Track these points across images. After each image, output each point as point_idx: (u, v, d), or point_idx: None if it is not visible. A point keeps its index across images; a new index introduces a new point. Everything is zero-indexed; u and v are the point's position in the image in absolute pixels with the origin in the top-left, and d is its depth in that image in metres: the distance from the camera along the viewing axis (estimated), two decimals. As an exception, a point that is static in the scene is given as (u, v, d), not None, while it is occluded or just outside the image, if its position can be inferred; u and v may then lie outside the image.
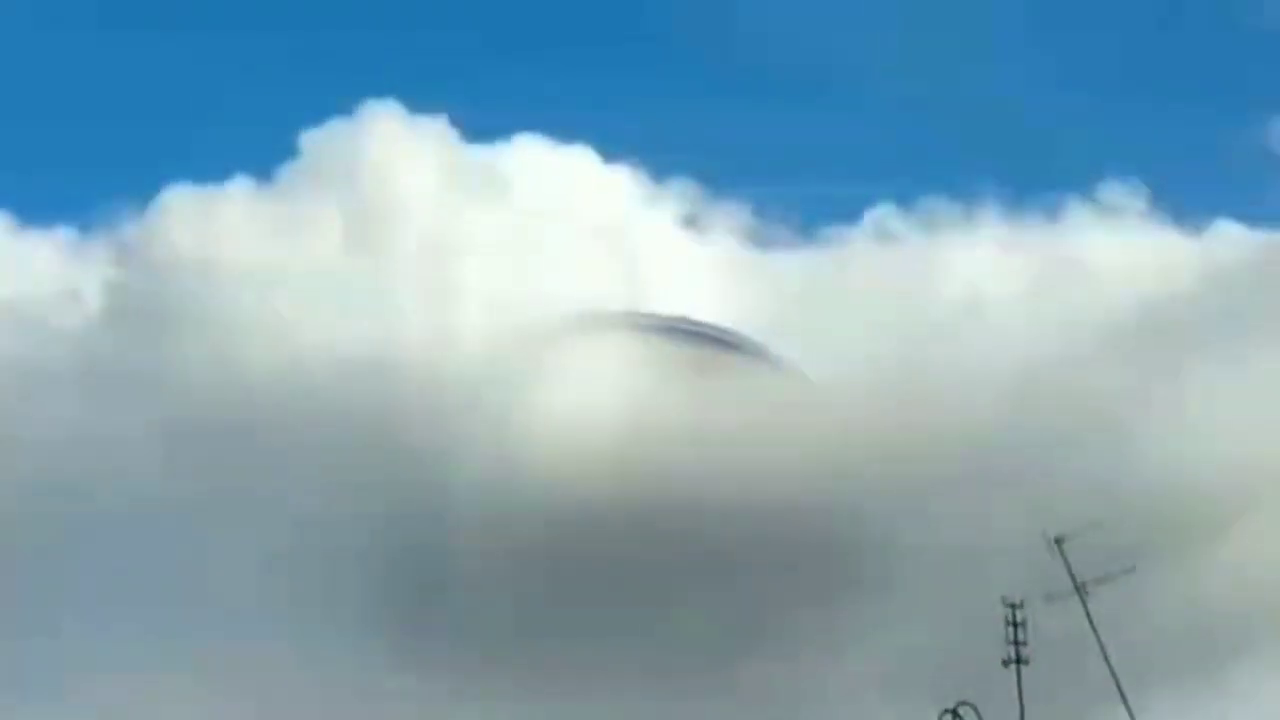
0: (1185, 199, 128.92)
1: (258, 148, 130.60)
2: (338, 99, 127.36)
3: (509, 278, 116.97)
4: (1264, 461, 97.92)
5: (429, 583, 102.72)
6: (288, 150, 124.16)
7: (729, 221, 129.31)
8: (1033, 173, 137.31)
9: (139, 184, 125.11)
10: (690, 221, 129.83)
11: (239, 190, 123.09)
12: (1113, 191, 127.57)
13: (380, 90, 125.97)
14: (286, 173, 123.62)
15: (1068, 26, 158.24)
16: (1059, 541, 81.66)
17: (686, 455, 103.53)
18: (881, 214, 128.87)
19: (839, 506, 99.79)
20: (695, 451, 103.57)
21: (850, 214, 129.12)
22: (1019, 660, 64.36)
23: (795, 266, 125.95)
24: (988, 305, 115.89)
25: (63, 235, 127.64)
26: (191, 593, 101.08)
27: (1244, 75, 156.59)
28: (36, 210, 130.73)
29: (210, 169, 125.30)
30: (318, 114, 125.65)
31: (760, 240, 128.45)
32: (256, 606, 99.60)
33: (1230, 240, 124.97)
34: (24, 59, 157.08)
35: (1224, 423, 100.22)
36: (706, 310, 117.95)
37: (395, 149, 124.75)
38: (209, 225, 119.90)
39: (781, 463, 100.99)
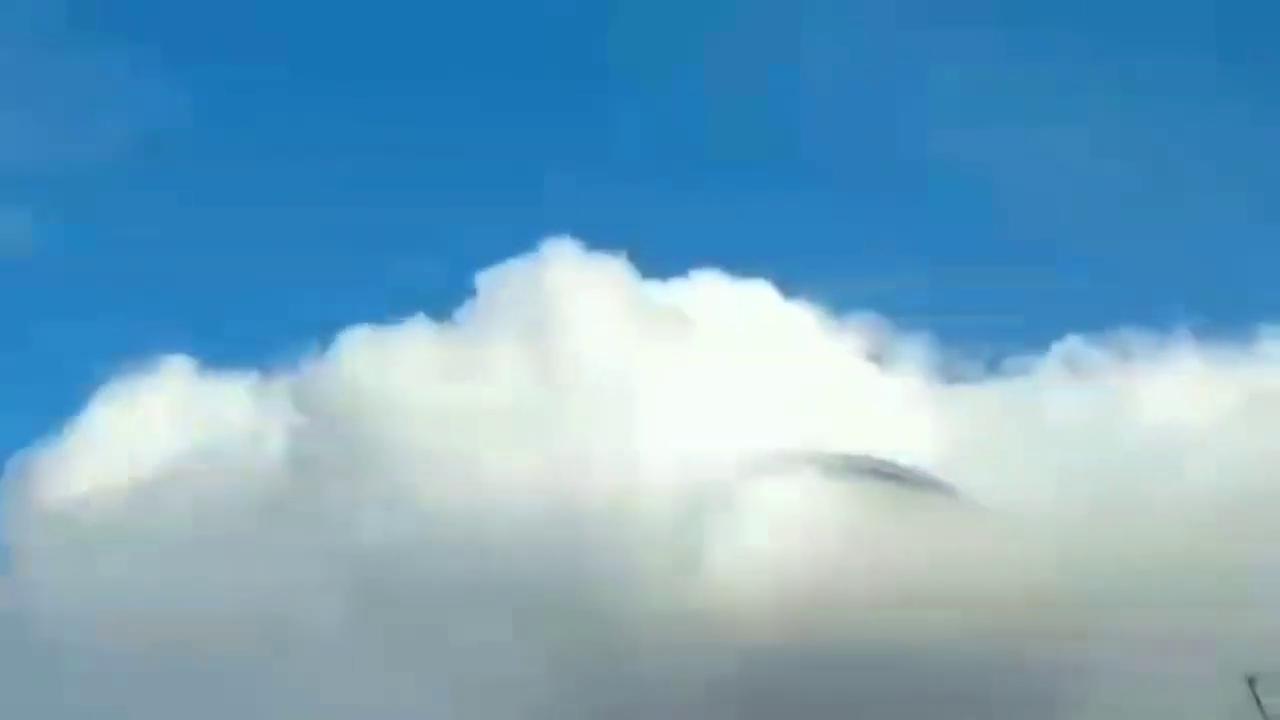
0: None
1: (436, 288, 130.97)
2: (515, 238, 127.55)
3: (690, 415, 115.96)
4: None
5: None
6: (466, 290, 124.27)
7: (914, 355, 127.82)
8: (1225, 301, 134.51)
9: (320, 325, 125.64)
10: (874, 356, 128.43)
11: (418, 330, 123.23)
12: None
13: (558, 228, 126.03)
14: (465, 312, 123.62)
15: (1257, 156, 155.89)
16: (1252, 681, 79.00)
17: (870, 593, 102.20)
18: (1070, 345, 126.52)
19: (1029, 645, 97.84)
20: (879, 589, 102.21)
21: (1038, 346, 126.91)
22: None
23: (982, 400, 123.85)
24: (1181, 438, 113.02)
25: (246, 378, 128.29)
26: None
27: None
28: (221, 354, 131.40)
29: (389, 309, 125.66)
30: (496, 253, 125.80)
31: (946, 373, 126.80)
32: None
33: None
34: (206, 203, 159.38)
35: None
36: (891, 446, 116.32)
37: (573, 287, 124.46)
38: (389, 366, 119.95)
39: (967, 601, 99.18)
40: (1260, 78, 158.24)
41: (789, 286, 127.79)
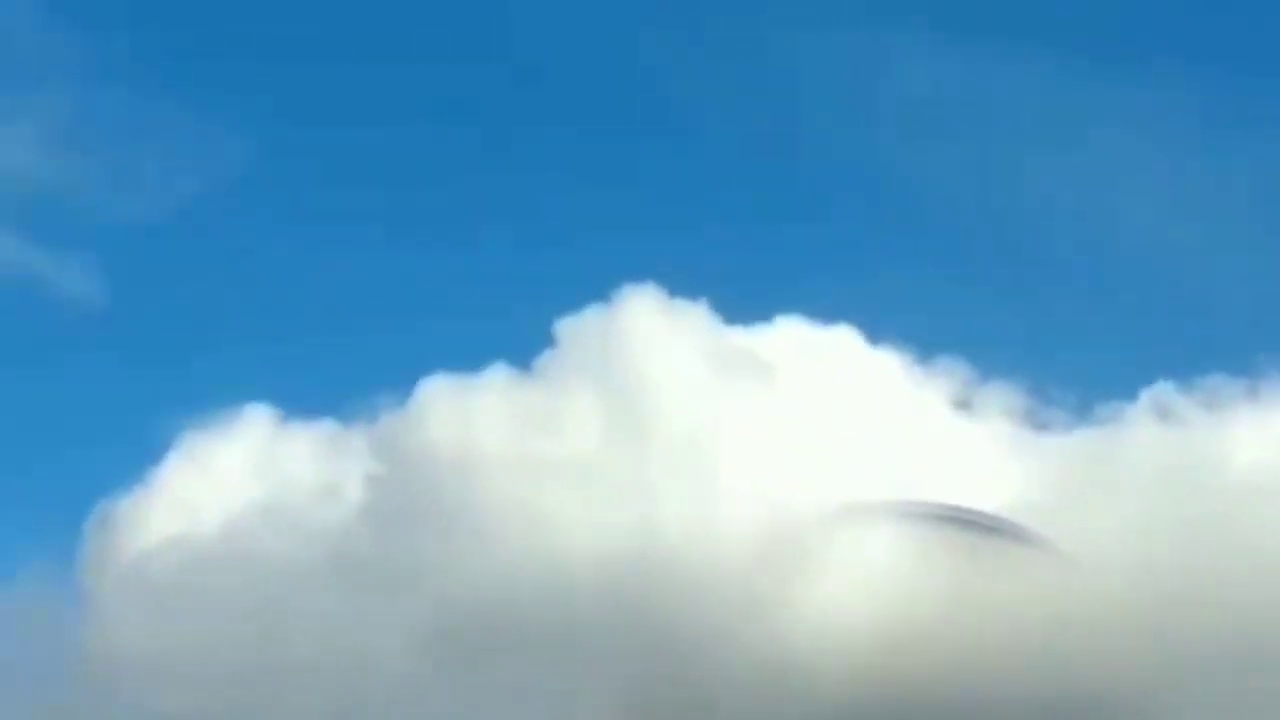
0: None
1: (516, 336, 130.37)
2: (595, 286, 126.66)
3: (773, 464, 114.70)
4: None
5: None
6: (545, 338, 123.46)
7: (1001, 402, 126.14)
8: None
9: (399, 375, 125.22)
10: (960, 403, 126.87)
11: (498, 380, 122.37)
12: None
13: (638, 275, 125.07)
14: (545, 361, 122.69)
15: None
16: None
17: (955, 645, 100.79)
18: (1160, 392, 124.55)
19: (1113, 701, 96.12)
20: (964, 641, 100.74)
21: (1127, 392, 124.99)
22: None
23: (1070, 448, 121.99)
24: (1273, 488, 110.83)
25: (324, 429, 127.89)
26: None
27: None
28: (300, 404, 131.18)
29: (469, 359, 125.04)
30: (575, 301, 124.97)
31: (1033, 420, 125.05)
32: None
33: None
34: (286, 255, 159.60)
35: None
36: (979, 494, 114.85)
37: (655, 334, 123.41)
38: (468, 416, 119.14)
39: (1053, 653, 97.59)
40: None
41: (874, 333, 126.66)
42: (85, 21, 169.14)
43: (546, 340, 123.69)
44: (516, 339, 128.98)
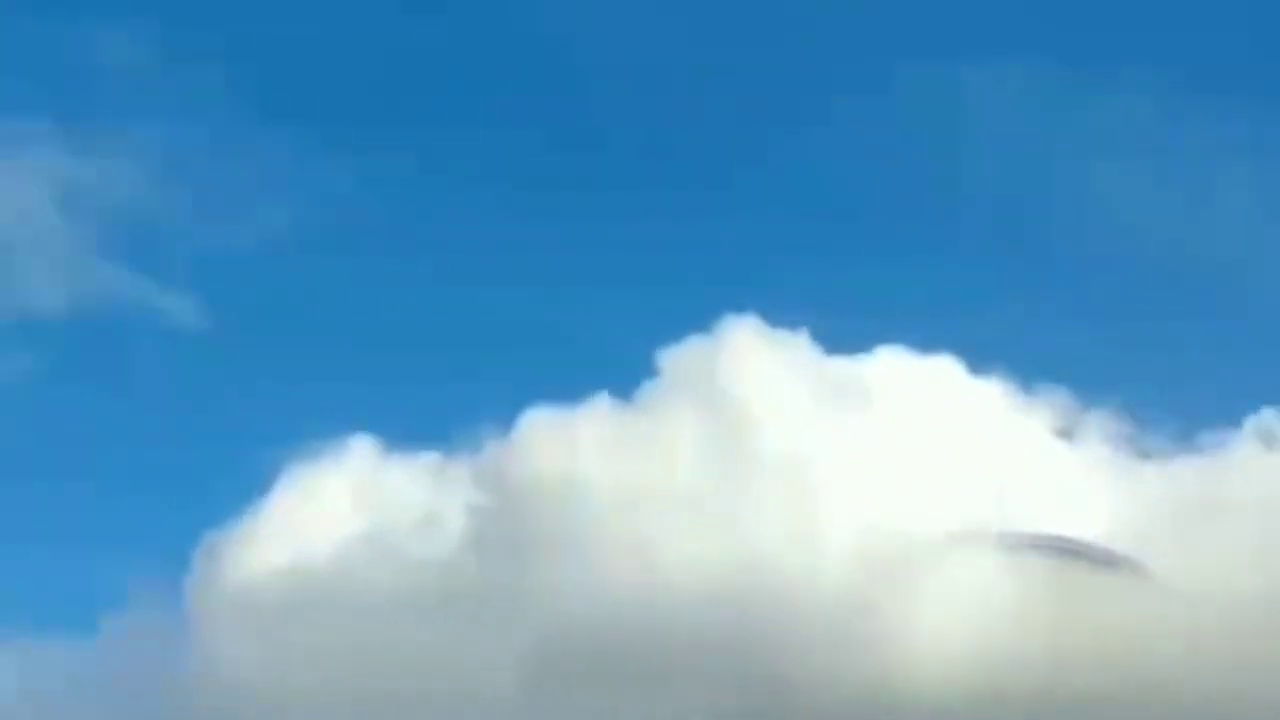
0: None
1: (618, 367, 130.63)
2: (697, 316, 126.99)
3: (874, 494, 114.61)
4: None
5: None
6: (647, 369, 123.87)
7: (1104, 429, 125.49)
8: None
9: (502, 406, 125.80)
10: (1064, 432, 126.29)
11: (600, 410, 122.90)
12: None
13: (740, 306, 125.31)
14: (647, 391, 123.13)
15: None
16: None
17: (1059, 677, 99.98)
18: (1265, 418, 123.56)
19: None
20: (1068, 673, 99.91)
21: (1232, 419, 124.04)
22: None
23: (1175, 475, 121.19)
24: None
25: (428, 459, 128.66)
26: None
27: None
28: (403, 435, 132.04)
29: (571, 390, 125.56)
30: (677, 331, 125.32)
31: (1137, 448, 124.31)
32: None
33: None
34: (389, 286, 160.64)
35: None
36: (1081, 523, 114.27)
37: (756, 364, 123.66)
38: (570, 446, 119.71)
39: (1158, 685, 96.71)
40: None
41: (976, 362, 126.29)
42: (184, 53, 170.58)
43: (648, 370, 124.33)
44: (619, 369, 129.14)
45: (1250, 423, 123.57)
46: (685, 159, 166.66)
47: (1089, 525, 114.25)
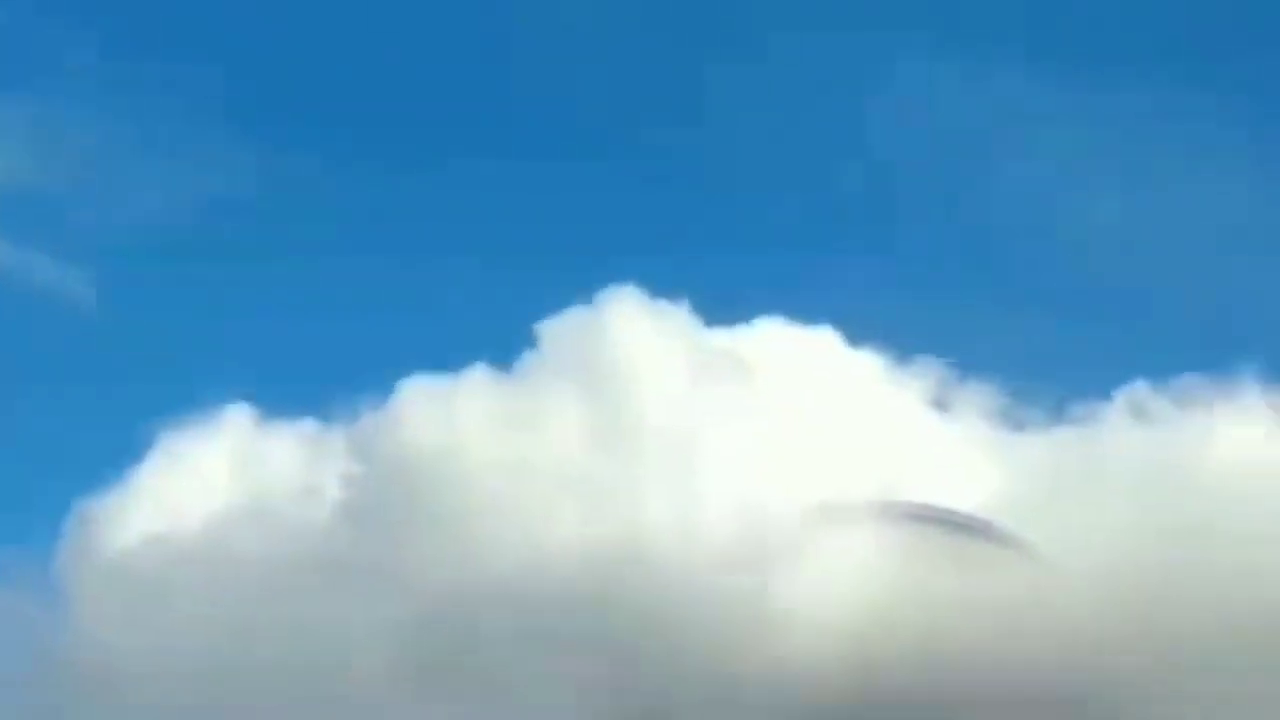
0: None
1: (496, 337, 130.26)
2: (576, 286, 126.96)
3: (753, 465, 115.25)
4: None
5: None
6: (526, 339, 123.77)
7: (979, 402, 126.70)
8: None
9: (380, 375, 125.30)
10: (940, 403, 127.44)
11: (478, 381, 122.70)
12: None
13: (619, 276, 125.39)
14: (526, 362, 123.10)
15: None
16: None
17: (930, 647, 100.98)
18: (1136, 391, 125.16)
19: (1092, 697, 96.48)
20: (940, 643, 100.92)
21: (1103, 392, 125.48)
22: None
23: (1048, 447, 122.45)
24: (1249, 486, 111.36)
25: (305, 428, 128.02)
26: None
27: None
28: (280, 403, 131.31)
29: (449, 360, 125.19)
30: (556, 302, 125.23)
31: (1012, 420, 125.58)
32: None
33: None
34: (265, 256, 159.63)
35: None
36: (955, 494, 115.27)
37: (635, 335, 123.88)
38: (448, 416, 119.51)
39: (1029, 655, 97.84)
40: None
41: (853, 334, 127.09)
42: (79, 19, 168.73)
43: (527, 341, 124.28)
44: (497, 340, 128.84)
45: (1121, 395, 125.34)
46: (562, 129, 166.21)
47: (964, 496, 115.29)
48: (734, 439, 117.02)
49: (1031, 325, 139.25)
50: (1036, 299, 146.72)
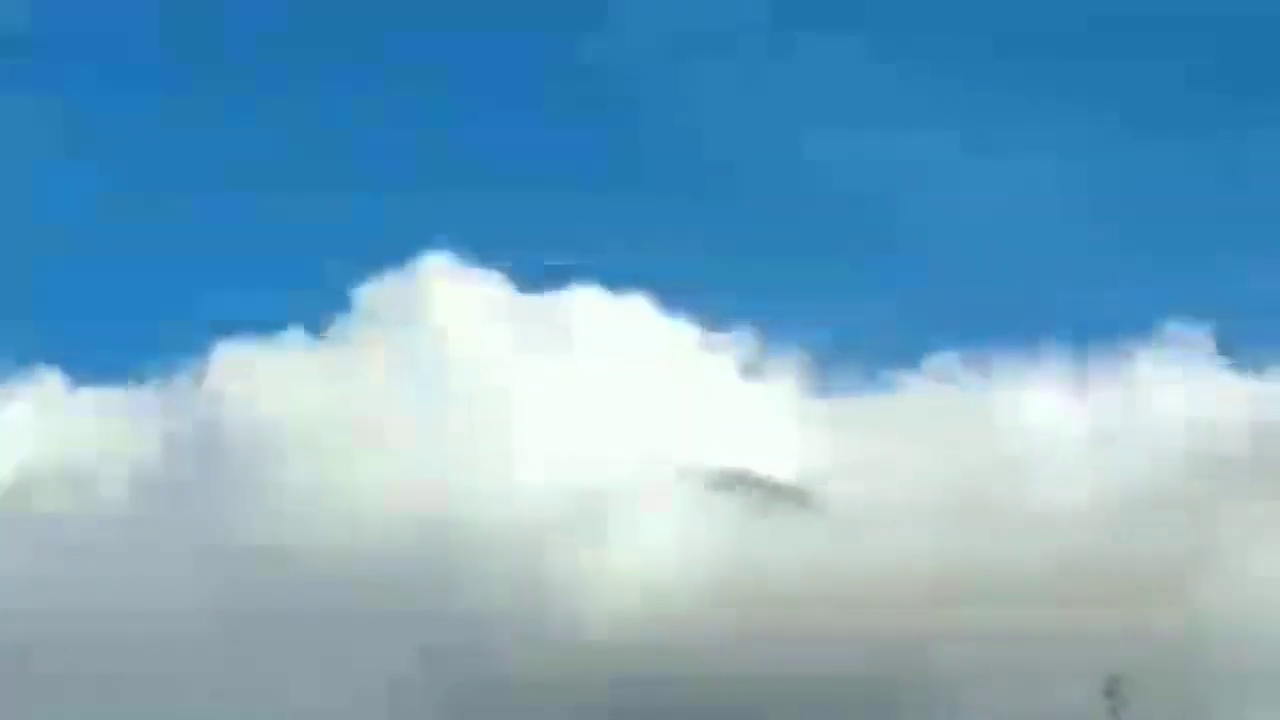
0: (1251, 343, 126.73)
1: (312, 301, 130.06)
2: (393, 251, 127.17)
3: (567, 431, 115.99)
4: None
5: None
6: (342, 303, 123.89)
7: (789, 369, 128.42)
8: (1096, 320, 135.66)
9: (194, 338, 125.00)
10: (750, 370, 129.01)
11: (293, 344, 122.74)
12: (1178, 336, 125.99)
13: (435, 242, 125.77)
14: (341, 326, 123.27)
15: (1133, 179, 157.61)
16: (1114, 683, 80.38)
17: (746, 611, 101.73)
18: (942, 360, 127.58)
19: (899, 659, 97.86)
20: (756, 607, 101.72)
21: (911, 360, 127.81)
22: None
23: (854, 412, 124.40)
24: (1050, 450, 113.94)
25: (117, 392, 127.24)
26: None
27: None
28: (92, 367, 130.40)
29: (264, 324, 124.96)
30: (372, 266, 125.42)
31: (820, 387, 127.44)
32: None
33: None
34: (78, 212, 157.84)
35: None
36: (767, 459, 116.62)
37: (451, 301, 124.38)
38: (263, 380, 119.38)
39: (841, 616, 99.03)
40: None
41: (666, 301, 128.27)
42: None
43: (342, 305, 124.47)
44: (313, 304, 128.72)
45: (928, 363, 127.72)
46: (381, 99, 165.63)
47: (775, 462, 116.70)
48: (548, 404, 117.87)
49: (842, 292, 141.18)
50: (846, 267, 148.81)
